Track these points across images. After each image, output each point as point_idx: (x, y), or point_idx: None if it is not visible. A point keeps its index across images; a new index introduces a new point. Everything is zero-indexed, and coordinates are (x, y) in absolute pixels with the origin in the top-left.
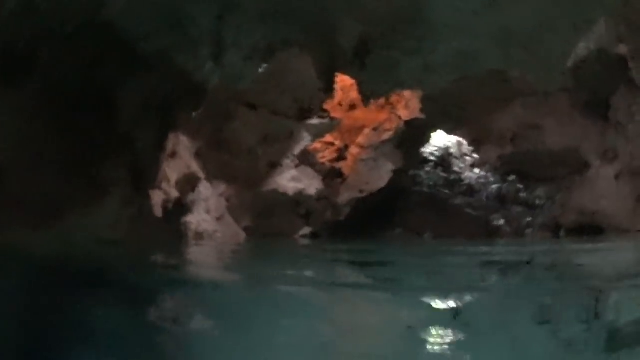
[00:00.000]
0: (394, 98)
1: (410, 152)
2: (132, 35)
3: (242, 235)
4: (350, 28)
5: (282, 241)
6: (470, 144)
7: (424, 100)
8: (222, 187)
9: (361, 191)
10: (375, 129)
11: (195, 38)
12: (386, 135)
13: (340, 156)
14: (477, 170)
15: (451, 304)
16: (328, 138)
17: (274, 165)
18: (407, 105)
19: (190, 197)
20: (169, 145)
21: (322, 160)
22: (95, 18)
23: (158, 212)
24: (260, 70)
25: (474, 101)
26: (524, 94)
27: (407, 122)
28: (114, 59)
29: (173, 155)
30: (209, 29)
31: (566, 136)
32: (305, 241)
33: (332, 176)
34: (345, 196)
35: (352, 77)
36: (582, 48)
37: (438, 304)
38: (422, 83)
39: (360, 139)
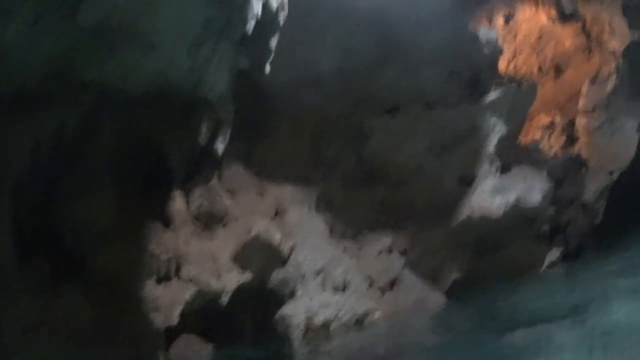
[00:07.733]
0: (594, 30)
1: None
2: None
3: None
4: None
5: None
6: None
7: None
8: (387, 240)
9: (611, 172)
10: (593, 81)
11: None
12: (610, 84)
13: (571, 136)
14: None
15: None
16: (542, 118)
17: (466, 180)
18: (612, 30)
19: (278, 275)
20: None
21: (552, 151)
22: None
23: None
24: None
25: None
26: None
27: (625, 56)
28: None
29: None
30: None
31: None
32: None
33: (572, 167)
34: (593, 187)
35: None
36: None
37: None
38: None
39: (583, 102)
